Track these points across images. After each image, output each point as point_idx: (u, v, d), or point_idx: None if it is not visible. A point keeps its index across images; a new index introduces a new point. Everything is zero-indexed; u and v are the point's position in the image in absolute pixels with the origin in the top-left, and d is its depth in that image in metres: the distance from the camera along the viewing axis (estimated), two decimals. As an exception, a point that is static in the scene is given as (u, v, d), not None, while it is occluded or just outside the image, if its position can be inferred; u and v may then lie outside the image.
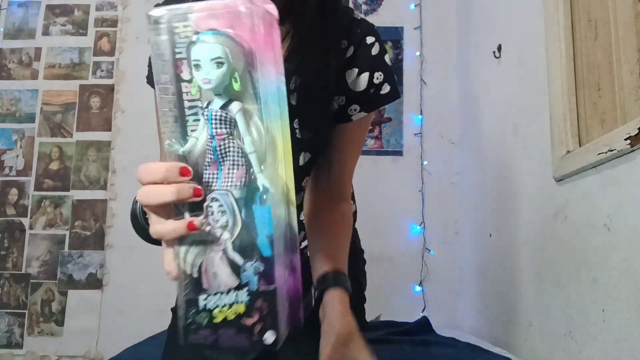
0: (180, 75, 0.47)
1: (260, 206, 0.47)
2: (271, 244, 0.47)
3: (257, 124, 0.47)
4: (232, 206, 0.47)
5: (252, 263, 0.47)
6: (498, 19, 1.75)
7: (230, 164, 0.47)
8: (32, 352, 2.14)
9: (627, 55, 0.96)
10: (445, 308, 2.15)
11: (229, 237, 0.47)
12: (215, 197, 0.48)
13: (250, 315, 0.47)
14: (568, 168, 1.11)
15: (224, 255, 0.48)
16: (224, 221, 0.47)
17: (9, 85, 2.36)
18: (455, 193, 2.23)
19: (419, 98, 2.29)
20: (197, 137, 0.48)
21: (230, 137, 0.47)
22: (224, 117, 0.47)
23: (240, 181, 0.47)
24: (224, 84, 0.46)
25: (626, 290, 0.89)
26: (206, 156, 0.48)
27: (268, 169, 0.47)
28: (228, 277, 0.47)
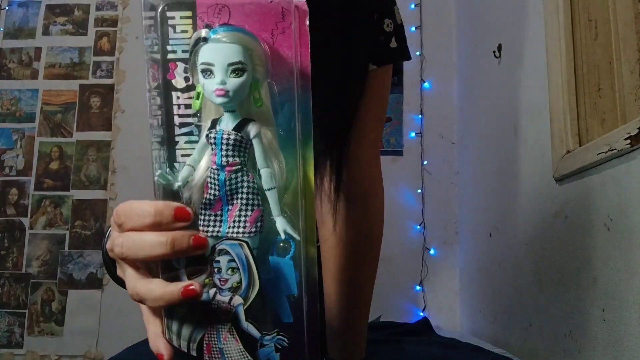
0: (172, 81, 0.36)
1: (278, 257, 0.36)
2: (293, 307, 0.36)
3: (276, 152, 0.36)
4: (248, 261, 0.36)
5: (273, 337, 0.36)
6: (498, 19, 1.75)
7: (243, 204, 0.36)
8: (32, 352, 2.14)
9: (627, 54, 0.96)
10: (446, 308, 2.15)
11: (242, 303, 0.36)
12: (224, 248, 0.36)
13: None
14: (568, 168, 1.11)
15: (233, 327, 0.36)
16: (235, 281, 0.36)
17: (9, 85, 2.36)
18: (455, 193, 2.23)
19: (419, 98, 2.29)
20: (193, 166, 0.36)
21: (244, 168, 0.36)
22: (238, 141, 0.35)
23: (256, 227, 0.36)
24: (242, 96, 0.35)
25: (626, 290, 0.89)
26: (206, 191, 0.36)
27: (289, 210, 0.36)
28: (240, 355, 0.36)
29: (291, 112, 0.36)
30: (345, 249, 0.74)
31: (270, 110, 0.36)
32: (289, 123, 0.36)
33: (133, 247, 0.36)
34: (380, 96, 0.80)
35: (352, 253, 0.74)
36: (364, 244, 0.75)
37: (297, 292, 0.36)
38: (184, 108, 0.36)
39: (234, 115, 0.36)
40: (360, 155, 0.76)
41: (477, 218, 1.95)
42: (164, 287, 0.35)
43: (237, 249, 0.36)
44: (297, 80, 0.36)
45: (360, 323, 0.75)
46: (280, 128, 0.36)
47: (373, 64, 0.77)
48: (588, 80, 1.11)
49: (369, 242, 0.76)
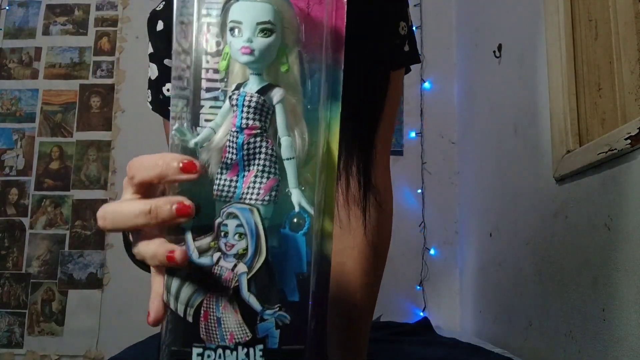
0: (203, 44, 0.35)
1: (291, 232, 0.35)
2: (300, 286, 0.34)
3: (300, 123, 0.35)
4: (257, 228, 0.34)
5: (275, 311, 0.34)
6: (498, 18, 1.75)
7: (259, 171, 0.34)
8: (32, 352, 2.14)
9: (627, 54, 0.96)
10: (446, 308, 2.15)
11: (245, 272, 0.34)
12: (233, 212, 0.34)
13: None
14: (568, 168, 1.11)
15: (234, 296, 0.34)
16: (242, 247, 0.34)
17: (9, 85, 2.36)
18: (455, 193, 2.23)
19: (419, 98, 2.29)
20: (213, 128, 0.35)
21: (265, 133, 0.35)
22: (260, 104, 0.34)
23: (270, 195, 0.34)
24: (268, 59, 0.34)
25: (626, 290, 0.89)
26: (224, 155, 0.35)
27: (307, 184, 0.34)
28: (237, 327, 0.34)
29: (320, 84, 0.35)
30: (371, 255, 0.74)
31: (298, 79, 0.35)
32: (317, 95, 0.35)
33: (113, 219, 0.35)
34: (393, 100, 0.79)
35: (374, 258, 0.74)
36: (383, 249, 0.76)
37: (306, 271, 0.34)
38: (212, 72, 0.35)
39: (259, 79, 0.35)
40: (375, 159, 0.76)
41: (477, 218, 1.95)
42: (155, 247, 0.34)
43: (247, 214, 0.34)
44: (329, 53, 0.34)
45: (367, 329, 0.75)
46: (307, 99, 0.35)
47: None
48: (588, 80, 1.11)
49: (384, 248, 0.76)
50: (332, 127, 0.35)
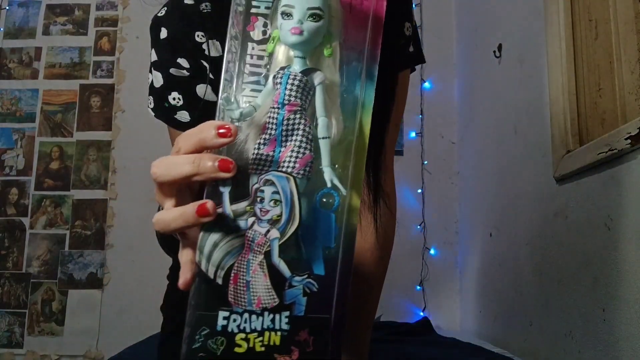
0: (250, 33, 0.38)
1: (321, 208, 0.36)
2: (327, 261, 0.35)
3: (336, 107, 0.37)
4: (292, 196, 0.35)
5: (303, 278, 0.35)
6: (498, 18, 1.75)
7: (295, 146, 0.36)
8: (32, 352, 2.14)
9: (627, 54, 0.96)
10: (446, 308, 2.15)
11: (278, 237, 0.35)
12: (270, 179, 0.36)
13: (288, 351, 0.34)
14: (568, 168, 1.11)
15: (265, 260, 0.35)
16: (276, 214, 0.35)
17: (10, 85, 2.36)
18: (455, 193, 2.23)
19: (419, 98, 2.29)
20: (254, 107, 0.37)
21: (304, 112, 0.37)
22: (303, 83, 0.36)
23: (304, 170, 0.36)
24: (314, 42, 0.37)
25: (626, 290, 0.89)
26: (263, 131, 0.37)
27: (339, 164, 0.36)
28: (265, 292, 0.35)
29: (355, 76, 0.37)
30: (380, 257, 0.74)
31: (337, 67, 0.37)
32: (353, 86, 0.37)
33: (166, 166, 0.37)
34: (399, 102, 0.79)
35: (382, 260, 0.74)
36: (388, 250, 0.76)
37: (334, 245, 0.35)
38: (257, 58, 0.37)
39: (302, 63, 0.37)
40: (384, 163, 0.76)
41: (477, 218, 1.95)
42: (181, 208, 0.36)
43: (284, 181, 0.36)
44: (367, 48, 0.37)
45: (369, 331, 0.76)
46: (343, 87, 0.37)
47: None
48: (588, 80, 1.11)
49: (389, 249, 0.77)
50: (366, 112, 0.37)
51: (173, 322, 0.88)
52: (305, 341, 0.34)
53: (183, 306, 0.87)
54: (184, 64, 0.74)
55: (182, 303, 0.90)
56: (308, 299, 0.35)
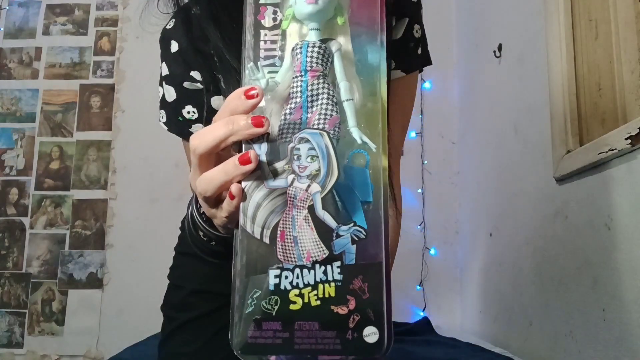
0: (261, 22, 0.39)
1: (354, 165, 0.36)
2: (367, 214, 0.35)
3: (354, 74, 0.38)
4: (327, 150, 0.36)
5: (350, 226, 0.35)
6: (498, 18, 1.75)
7: (322, 109, 0.37)
8: (32, 352, 2.14)
9: (627, 54, 0.96)
10: (446, 308, 2.15)
11: (319, 191, 0.36)
12: (304, 137, 0.37)
13: (344, 301, 0.34)
14: (568, 168, 1.11)
15: (309, 214, 0.36)
16: (314, 169, 0.36)
17: (10, 85, 2.36)
18: (455, 193, 2.23)
19: (420, 98, 2.29)
20: (276, 82, 0.38)
21: (326, 77, 0.38)
22: (322, 51, 0.38)
23: (334, 130, 0.37)
24: (329, 12, 0.38)
25: (627, 290, 0.89)
26: (288, 101, 0.38)
27: (365, 123, 0.37)
28: (314, 244, 0.35)
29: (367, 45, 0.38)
30: None
31: (350, 39, 0.38)
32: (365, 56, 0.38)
33: (202, 135, 0.38)
34: (406, 105, 0.80)
35: None
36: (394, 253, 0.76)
37: (371, 200, 0.35)
38: (270, 43, 0.39)
39: (318, 34, 0.38)
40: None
41: (477, 218, 1.95)
42: (222, 165, 0.37)
43: (318, 137, 0.36)
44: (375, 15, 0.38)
45: None
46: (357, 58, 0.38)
47: (402, 71, 0.77)
48: (588, 80, 1.11)
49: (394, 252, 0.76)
50: (382, 80, 0.37)
51: (174, 321, 0.88)
52: (360, 289, 0.34)
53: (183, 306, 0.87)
54: (197, 77, 0.73)
55: (182, 303, 0.89)
56: (357, 247, 0.35)
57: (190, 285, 0.86)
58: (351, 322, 0.33)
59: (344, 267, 0.34)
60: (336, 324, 0.33)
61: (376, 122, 0.36)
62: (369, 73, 0.37)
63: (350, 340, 0.33)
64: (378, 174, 0.35)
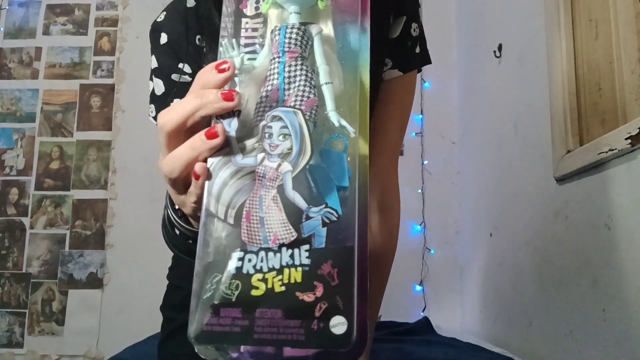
0: (243, 10, 0.38)
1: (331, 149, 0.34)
2: (342, 200, 0.32)
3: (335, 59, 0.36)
4: (300, 127, 0.34)
5: (321, 209, 0.32)
6: (498, 18, 1.75)
7: (300, 91, 0.35)
8: (32, 352, 2.14)
9: (627, 54, 0.96)
10: (446, 308, 2.15)
11: (290, 170, 0.33)
12: (277, 115, 0.35)
13: (311, 288, 0.31)
14: (568, 168, 1.11)
15: (278, 194, 0.33)
16: (286, 147, 0.34)
17: (10, 85, 2.36)
18: (455, 193, 2.23)
19: (420, 98, 2.29)
20: (253, 65, 0.37)
21: (304, 60, 0.36)
22: (301, 33, 0.36)
23: (311, 112, 0.34)
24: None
25: (627, 290, 0.89)
26: (265, 84, 0.36)
27: (345, 108, 0.34)
28: (281, 226, 0.33)
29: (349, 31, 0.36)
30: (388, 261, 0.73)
31: (331, 25, 0.37)
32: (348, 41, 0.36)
33: (170, 111, 0.36)
34: (404, 104, 0.78)
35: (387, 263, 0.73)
36: (380, 257, 0.75)
37: (348, 185, 0.32)
38: (251, 31, 0.38)
39: (298, 17, 0.37)
40: (382, 166, 0.74)
41: (477, 218, 1.95)
42: (188, 141, 0.35)
43: (291, 115, 0.34)
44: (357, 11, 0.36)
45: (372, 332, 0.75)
46: (340, 45, 0.36)
47: (399, 70, 0.76)
48: (588, 79, 1.11)
49: (384, 257, 0.76)
50: (364, 68, 0.35)
51: (173, 322, 0.88)
52: (329, 274, 0.31)
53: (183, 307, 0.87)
54: (186, 69, 0.72)
55: (182, 303, 0.89)
56: (328, 230, 0.32)
57: (190, 286, 0.85)
58: (317, 310, 0.30)
59: (313, 251, 0.31)
60: (301, 312, 0.30)
61: (355, 107, 0.34)
62: (350, 59, 0.35)
63: (315, 330, 0.30)
64: (355, 160, 0.33)
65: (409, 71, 0.78)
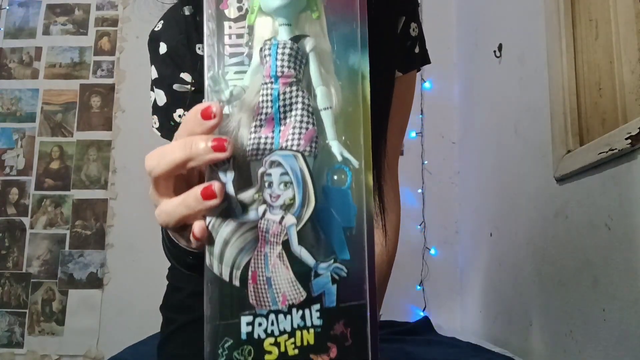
0: (224, 11, 0.34)
1: (334, 186, 0.32)
2: (350, 243, 0.31)
3: (331, 75, 0.33)
4: (303, 175, 0.31)
5: (330, 264, 0.31)
6: (498, 18, 1.75)
7: (297, 121, 0.32)
8: (32, 352, 2.14)
9: (627, 54, 0.96)
10: (446, 307, 2.15)
11: (294, 223, 0.31)
12: (276, 160, 0.32)
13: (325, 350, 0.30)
14: (569, 167, 1.11)
15: (284, 251, 0.32)
16: (289, 197, 0.32)
17: (10, 85, 2.36)
18: (455, 193, 2.23)
19: (420, 98, 2.29)
20: (242, 87, 0.33)
21: (300, 83, 0.33)
22: (294, 51, 0.33)
23: (310, 146, 0.32)
24: (300, 5, 0.33)
25: (627, 290, 0.89)
26: (257, 112, 0.33)
27: (347, 136, 0.32)
28: (290, 286, 0.31)
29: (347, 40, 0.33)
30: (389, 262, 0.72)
31: (326, 34, 0.33)
32: (345, 52, 0.33)
33: (157, 155, 0.34)
34: (404, 105, 0.77)
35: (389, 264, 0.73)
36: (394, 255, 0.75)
37: (354, 225, 0.31)
38: (236, 37, 0.34)
39: (289, 30, 0.33)
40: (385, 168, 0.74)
41: (477, 218, 1.95)
42: (185, 194, 0.32)
43: (291, 160, 0.31)
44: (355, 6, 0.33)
45: None
46: (334, 53, 0.33)
47: (399, 70, 0.75)
48: (589, 80, 1.11)
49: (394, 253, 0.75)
50: (364, 81, 0.33)
51: (173, 323, 0.88)
52: (342, 334, 0.30)
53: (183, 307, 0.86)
54: (187, 79, 0.71)
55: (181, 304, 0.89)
56: (338, 287, 0.31)
57: (190, 287, 0.85)
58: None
59: (324, 311, 0.31)
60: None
61: (359, 133, 0.32)
62: (350, 74, 0.33)
63: None
64: (361, 194, 0.31)
65: (409, 71, 0.78)
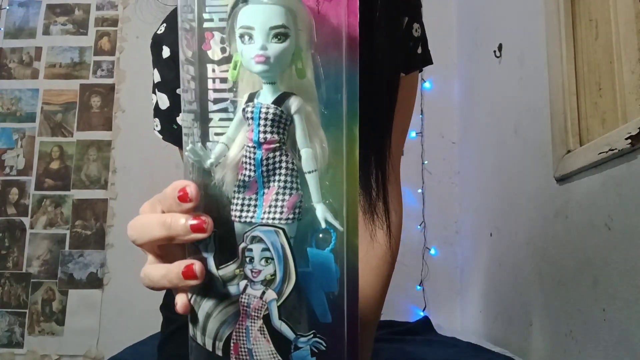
0: (207, 53, 0.33)
1: (318, 250, 0.32)
2: (332, 305, 0.32)
3: (318, 131, 0.33)
4: (284, 251, 0.32)
5: (309, 339, 0.32)
6: (498, 18, 1.75)
7: (280, 187, 0.32)
8: (32, 352, 2.14)
9: (627, 54, 0.96)
10: (446, 307, 2.15)
11: (275, 298, 0.32)
12: (257, 235, 0.32)
13: None
14: (569, 167, 1.11)
15: (264, 325, 0.32)
16: (269, 273, 0.32)
17: (10, 85, 2.36)
18: (455, 193, 2.23)
19: (420, 98, 2.29)
20: (226, 143, 0.33)
21: (283, 147, 0.32)
22: (278, 116, 0.32)
23: (294, 213, 0.32)
24: (283, 66, 0.32)
25: (627, 290, 0.89)
26: (241, 172, 0.33)
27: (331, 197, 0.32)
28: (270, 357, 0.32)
29: (336, 87, 0.32)
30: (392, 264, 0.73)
31: (313, 85, 0.32)
32: (333, 99, 0.32)
33: (138, 227, 0.35)
34: (406, 106, 0.77)
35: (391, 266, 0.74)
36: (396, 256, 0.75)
37: (337, 290, 0.32)
38: (220, 82, 0.33)
39: (273, 88, 0.32)
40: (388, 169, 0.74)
41: (477, 218, 1.95)
42: (166, 267, 0.33)
43: (273, 236, 0.32)
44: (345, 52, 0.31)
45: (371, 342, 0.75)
46: (323, 105, 0.32)
47: (401, 71, 0.75)
48: (589, 79, 1.11)
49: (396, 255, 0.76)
50: (352, 132, 0.32)
51: (173, 323, 0.88)
52: None
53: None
54: None
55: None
56: (317, 359, 0.32)
57: None
58: None
59: None
60: None
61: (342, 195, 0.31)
62: (338, 125, 0.32)
63: None
64: (344, 257, 0.31)
65: (411, 72, 0.77)
